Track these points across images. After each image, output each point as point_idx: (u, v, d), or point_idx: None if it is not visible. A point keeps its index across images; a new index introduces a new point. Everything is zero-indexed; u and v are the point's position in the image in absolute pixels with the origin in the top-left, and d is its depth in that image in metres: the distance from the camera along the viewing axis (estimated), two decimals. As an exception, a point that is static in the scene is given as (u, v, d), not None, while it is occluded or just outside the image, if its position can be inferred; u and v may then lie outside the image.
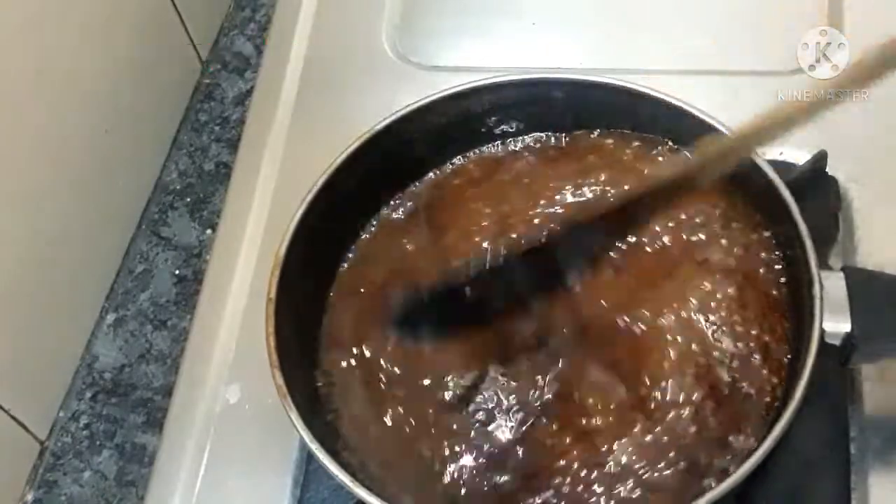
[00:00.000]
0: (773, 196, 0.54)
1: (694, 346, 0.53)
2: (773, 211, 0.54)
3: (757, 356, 0.52)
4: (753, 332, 0.53)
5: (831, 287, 0.50)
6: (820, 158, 0.62)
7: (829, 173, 0.63)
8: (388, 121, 0.59)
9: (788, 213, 0.53)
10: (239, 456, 0.60)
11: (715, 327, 0.53)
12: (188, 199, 0.76)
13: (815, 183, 0.62)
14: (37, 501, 0.64)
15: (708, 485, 0.49)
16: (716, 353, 0.52)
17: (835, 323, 0.50)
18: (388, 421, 0.54)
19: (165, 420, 0.62)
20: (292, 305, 0.54)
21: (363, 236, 0.60)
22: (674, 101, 0.58)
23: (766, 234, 0.56)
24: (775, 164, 0.56)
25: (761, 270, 0.55)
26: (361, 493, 0.48)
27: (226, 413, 0.61)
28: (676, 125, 0.58)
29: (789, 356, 0.52)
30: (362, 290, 0.59)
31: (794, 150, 0.65)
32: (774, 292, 0.54)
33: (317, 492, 0.58)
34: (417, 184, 0.61)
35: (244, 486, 0.59)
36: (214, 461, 0.60)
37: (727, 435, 0.51)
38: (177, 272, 0.72)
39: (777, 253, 0.55)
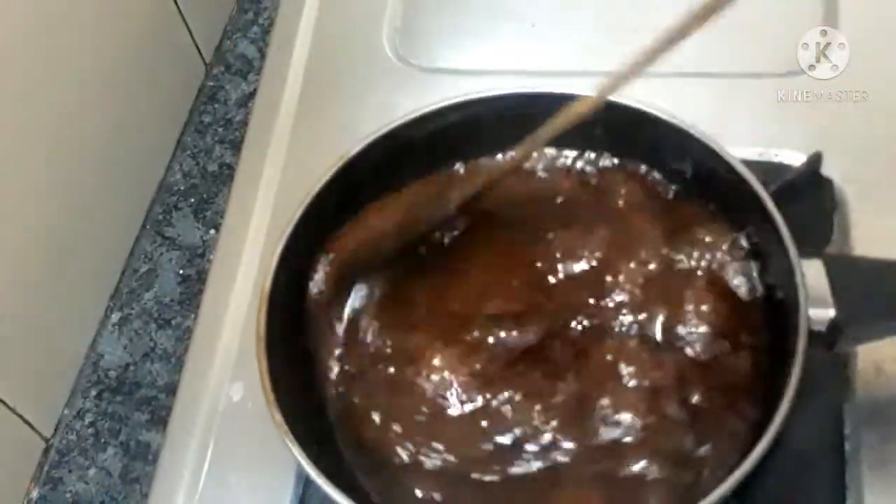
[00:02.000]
0: (746, 192, 0.54)
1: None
2: (747, 206, 0.54)
3: (745, 356, 0.53)
4: (737, 330, 0.54)
5: (812, 275, 0.51)
6: (815, 160, 0.63)
7: (824, 174, 0.63)
8: (383, 131, 0.59)
9: (762, 206, 0.53)
10: (242, 453, 0.60)
11: (697, 329, 0.54)
12: (192, 200, 0.76)
13: (811, 184, 0.62)
14: (42, 498, 0.64)
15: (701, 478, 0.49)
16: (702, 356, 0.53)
17: (819, 309, 0.50)
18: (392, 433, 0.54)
19: (169, 418, 0.62)
20: (284, 334, 0.54)
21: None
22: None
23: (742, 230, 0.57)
24: (770, 166, 0.57)
25: (737, 267, 0.56)
26: None
27: (229, 411, 0.61)
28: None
29: (777, 351, 0.52)
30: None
31: (789, 152, 0.65)
32: (754, 289, 0.55)
33: (319, 489, 0.57)
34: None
35: (247, 483, 0.59)
36: (218, 458, 0.60)
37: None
38: (181, 272, 0.73)
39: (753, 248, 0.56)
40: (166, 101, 0.78)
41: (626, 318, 0.55)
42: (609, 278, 0.56)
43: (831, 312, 0.50)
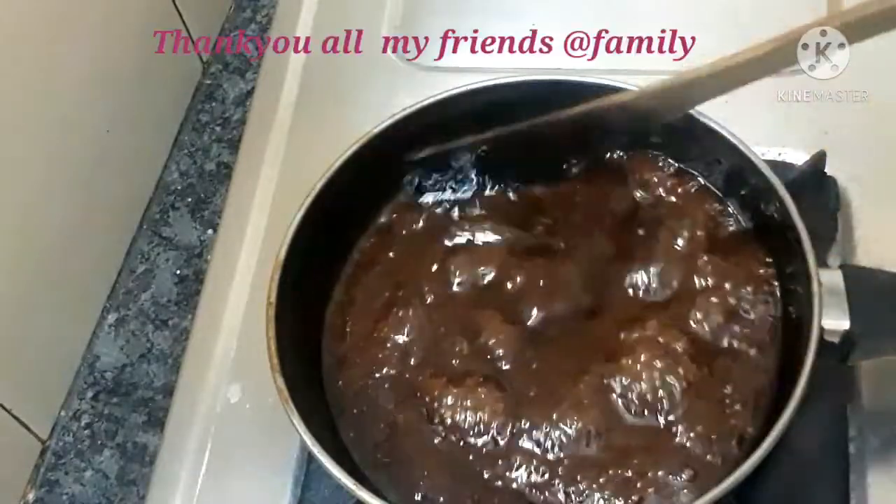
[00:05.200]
0: (771, 195, 0.54)
1: (688, 346, 0.53)
2: (771, 210, 0.54)
3: (755, 356, 0.53)
4: (750, 332, 0.53)
5: (829, 285, 0.50)
6: (819, 159, 0.62)
7: (829, 173, 0.63)
8: (387, 123, 0.59)
9: (786, 211, 0.53)
10: (240, 455, 0.60)
11: (711, 326, 0.54)
12: (189, 200, 0.76)
13: (815, 183, 0.62)
14: (38, 501, 0.64)
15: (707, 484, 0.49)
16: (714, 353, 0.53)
17: (834, 321, 0.50)
18: (391, 420, 0.54)
19: (166, 419, 0.62)
20: (294, 307, 0.54)
21: (364, 237, 0.61)
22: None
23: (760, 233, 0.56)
24: (774, 165, 0.56)
25: (760, 270, 0.55)
26: (364, 495, 0.48)
27: (227, 412, 0.61)
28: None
29: (788, 356, 0.52)
30: (365, 289, 0.59)
31: (793, 151, 0.65)
32: (772, 291, 0.55)
33: (318, 491, 0.58)
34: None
35: (245, 485, 0.59)
36: (215, 460, 0.60)
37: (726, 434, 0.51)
38: (178, 272, 0.72)
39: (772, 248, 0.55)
40: (163, 99, 0.78)
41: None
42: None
43: (846, 324, 0.49)
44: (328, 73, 0.75)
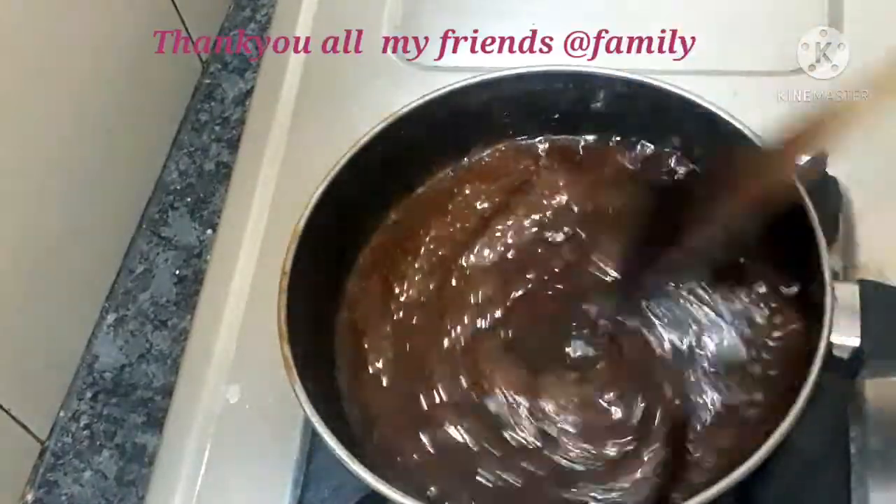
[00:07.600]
0: (790, 201, 0.52)
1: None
2: (789, 217, 0.53)
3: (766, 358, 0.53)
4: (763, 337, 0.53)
5: (844, 299, 0.49)
6: (821, 159, 0.62)
7: (830, 174, 0.63)
8: (428, 98, 0.59)
9: (806, 220, 0.52)
10: (239, 456, 0.60)
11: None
12: (188, 199, 0.76)
13: (816, 184, 0.62)
14: (37, 501, 0.64)
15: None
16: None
17: (844, 336, 0.48)
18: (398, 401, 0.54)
19: (166, 420, 0.62)
20: (306, 285, 0.54)
21: (381, 223, 0.61)
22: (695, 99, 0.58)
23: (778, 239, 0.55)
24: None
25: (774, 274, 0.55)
26: (361, 472, 0.47)
27: (226, 413, 0.61)
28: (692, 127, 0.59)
29: (793, 363, 0.51)
30: (376, 278, 0.59)
31: (794, 151, 0.65)
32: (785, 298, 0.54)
33: (317, 492, 0.58)
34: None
35: (244, 486, 0.59)
36: (215, 461, 0.60)
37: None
38: (177, 272, 0.72)
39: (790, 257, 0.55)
40: (163, 99, 0.78)
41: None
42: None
43: (856, 342, 0.48)
44: (328, 73, 0.75)
